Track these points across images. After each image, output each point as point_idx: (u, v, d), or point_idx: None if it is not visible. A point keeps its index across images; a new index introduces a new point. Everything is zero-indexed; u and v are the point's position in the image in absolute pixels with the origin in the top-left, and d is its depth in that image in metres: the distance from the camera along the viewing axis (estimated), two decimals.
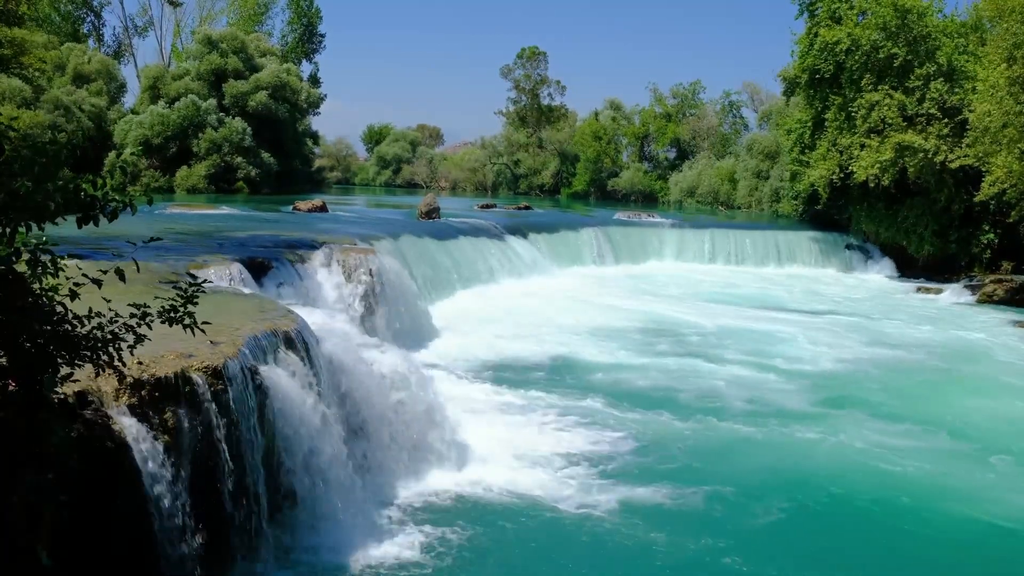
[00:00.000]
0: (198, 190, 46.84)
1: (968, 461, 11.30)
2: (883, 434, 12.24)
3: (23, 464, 5.02)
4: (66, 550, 5.47)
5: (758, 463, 10.96)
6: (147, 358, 6.42)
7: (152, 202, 5.13)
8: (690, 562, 8.18)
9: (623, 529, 8.73)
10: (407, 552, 8.00)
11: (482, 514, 8.99)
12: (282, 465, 7.90)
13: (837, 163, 32.17)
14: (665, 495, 9.62)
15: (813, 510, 9.62)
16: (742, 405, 13.46)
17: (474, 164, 79.65)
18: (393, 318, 16.01)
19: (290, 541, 7.81)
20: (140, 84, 52.78)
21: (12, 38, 26.56)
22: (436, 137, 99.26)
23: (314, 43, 72.42)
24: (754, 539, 8.77)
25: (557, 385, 14.11)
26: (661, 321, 20.58)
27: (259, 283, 13.83)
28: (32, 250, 4.83)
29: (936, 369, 17.07)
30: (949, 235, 31.07)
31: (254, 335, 8.10)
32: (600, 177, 68.04)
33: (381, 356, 10.15)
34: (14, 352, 4.87)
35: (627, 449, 11.12)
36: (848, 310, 24.02)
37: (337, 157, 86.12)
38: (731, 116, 68.37)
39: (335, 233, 19.96)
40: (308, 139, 58.50)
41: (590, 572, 8.02)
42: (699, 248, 33.77)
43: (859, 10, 31.94)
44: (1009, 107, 25.07)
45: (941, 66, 30.23)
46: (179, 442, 6.53)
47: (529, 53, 75.64)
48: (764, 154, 50.57)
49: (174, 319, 5.63)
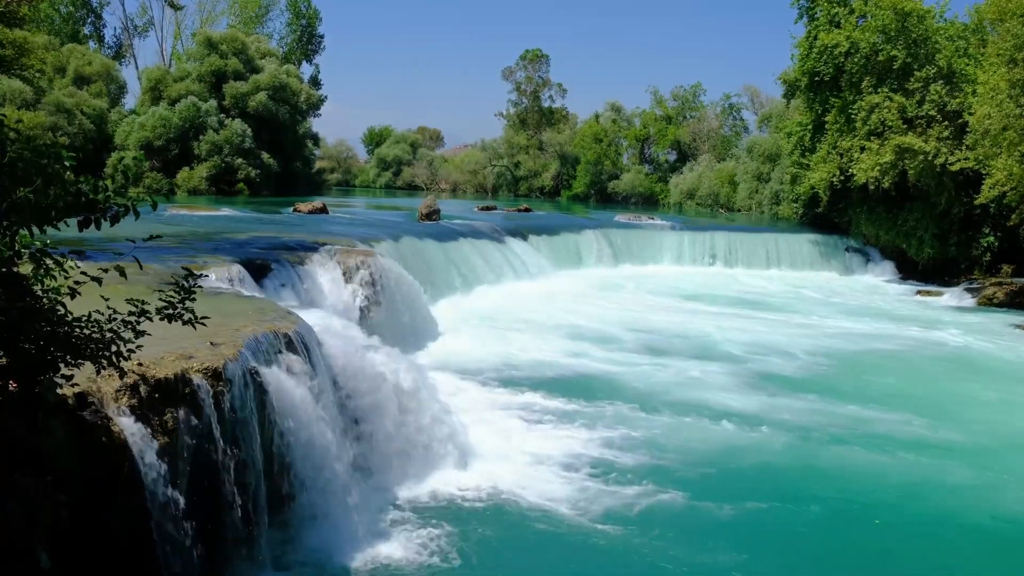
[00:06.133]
0: (199, 192, 46.90)
1: (969, 462, 11.29)
2: (883, 435, 12.24)
3: (22, 465, 5.02)
4: (65, 551, 5.46)
5: (759, 464, 10.95)
6: (147, 359, 6.41)
7: (156, 207, 5.11)
8: (694, 565, 8.16)
9: (624, 532, 8.71)
10: (407, 554, 7.99)
11: (483, 515, 8.98)
12: (282, 466, 7.89)
13: (837, 166, 32.20)
14: (666, 497, 9.60)
15: (817, 511, 9.58)
16: (743, 406, 13.44)
17: (474, 166, 79.67)
18: (393, 320, 16.00)
19: (290, 542, 7.80)
20: (141, 86, 52.87)
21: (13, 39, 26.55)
22: (436, 139, 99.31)
23: (314, 45, 72.56)
24: (760, 542, 8.76)
25: (558, 386, 14.09)
26: (662, 323, 20.57)
27: (260, 284, 13.83)
28: (34, 252, 4.82)
29: (937, 372, 17.07)
30: (949, 238, 31.07)
31: (254, 336, 8.09)
32: (600, 179, 68.05)
33: (381, 357, 10.14)
34: (14, 352, 4.87)
35: (629, 452, 11.09)
36: (848, 313, 24.01)
37: (337, 159, 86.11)
38: (731, 119, 68.41)
39: (335, 235, 19.98)
40: (308, 141, 58.52)
41: (591, 574, 8.02)
42: (699, 251, 33.76)
43: (859, 14, 31.98)
44: (1009, 110, 25.08)
45: (941, 69, 30.25)
46: (179, 443, 6.52)
47: (531, 56, 75.72)
48: (764, 157, 50.56)
49: (173, 315, 5.60)
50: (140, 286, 9.50)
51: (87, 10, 65.80)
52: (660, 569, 8.06)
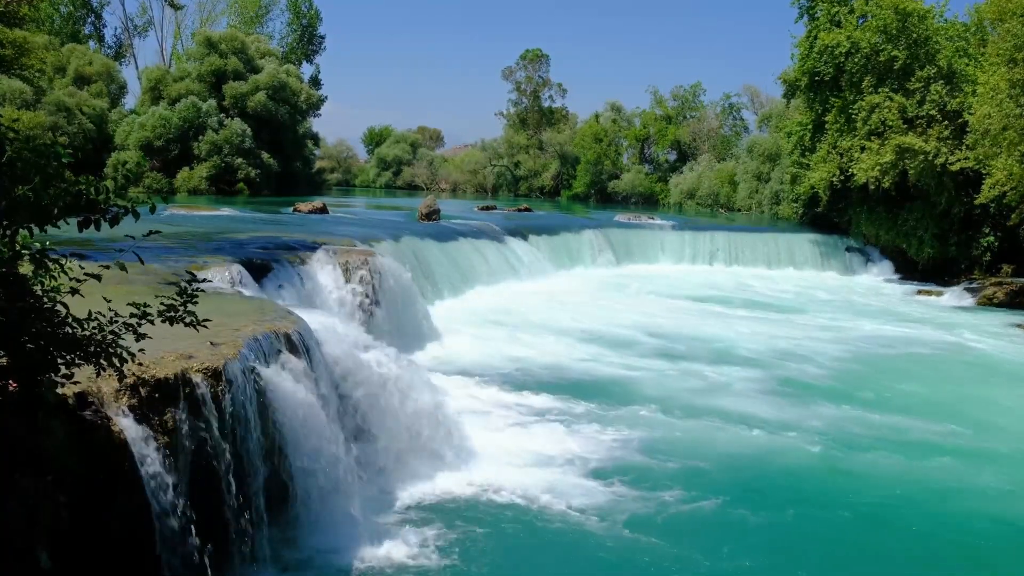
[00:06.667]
0: (199, 192, 46.90)
1: (969, 462, 11.27)
2: (884, 436, 12.23)
3: (22, 465, 5.01)
4: (65, 551, 5.46)
5: (760, 466, 10.94)
6: (147, 359, 6.40)
7: (154, 209, 5.11)
8: (695, 566, 8.16)
9: (624, 532, 8.71)
10: (408, 554, 7.98)
11: (484, 516, 8.96)
12: (282, 466, 7.88)
13: (837, 165, 32.19)
14: (666, 499, 9.59)
15: (817, 511, 9.58)
16: (743, 408, 13.42)
17: (474, 166, 79.68)
18: (394, 319, 15.99)
19: (290, 542, 7.79)
20: (141, 86, 52.87)
21: (13, 39, 26.56)
22: (436, 139, 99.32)
23: (314, 45, 72.56)
24: (761, 542, 8.75)
25: (558, 387, 14.07)
26: (662, 323, 20.55)
27: (260, 284, 13.81)
28: (34, 252, 4.82)
29: (936, 372, 17.06)
30: (949, 238, 31.06)
31: (254, 336, 8.09)
32: (600, 179, 68.05)
33: (382, 357, 10.13)
34: (14, 352, 4.87)
35: (631, 452, 11.08)
36: (848, 312, 24.00)
37: (338, 159, 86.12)
38: (731, 118, 68.44)
39: (335, 235, 19.96)
40: (308, 141, 58.51)
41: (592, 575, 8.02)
42: (699, 250, 33.75)
43: (859, 13, 31.98)
44: (1009, 110, 25.07)
45: (941, 69, 30.25)
46: (179, 443, 6.52)
47: (531, 56, 75.73)
48: (764, 156, 50.55)
49: (174, 318, 5.61)
50: (141, 286, 9.51)
51: (87, 10, 65.81)
52: (665, 571, 8.05)
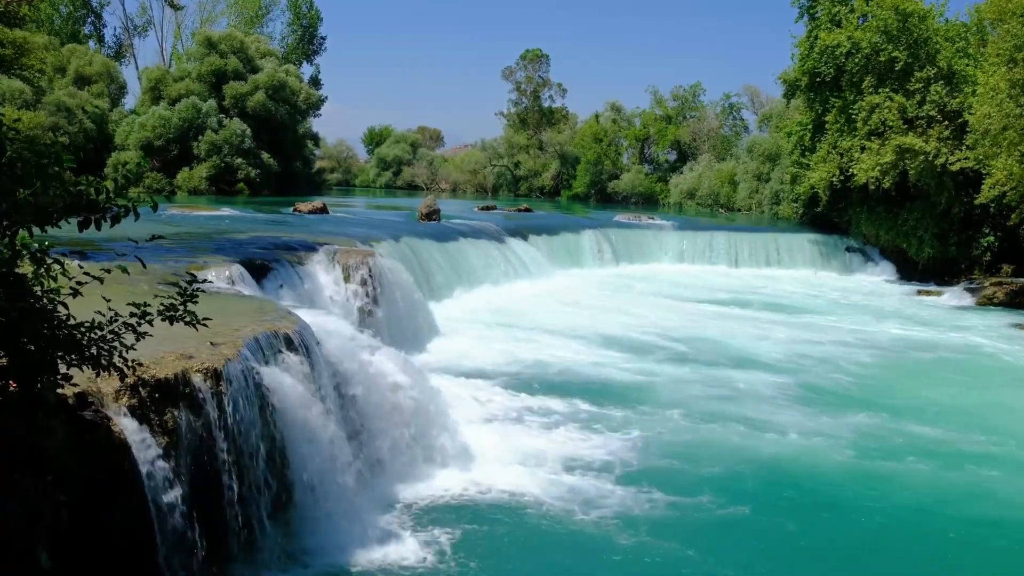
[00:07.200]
0: (199, 192, 46.89)
1: (969, 462, 11.28)
2: (884, 436, 12.24)
3: (22, 465, 5.01)
4: (65, 551, 5.46)
5: (761, 466, 10.92)
6: (147, 359, 6.41)
7: (156, 208, 5.12)
8: (693, 567, 8.16)
9: (624, 533, 8.71)
10: (408, 554, 7.99)
11: (484, 516, 8.97)
12: (282, 466, 7.89)
13: (837, 166, 32.19)
14: (667, 500, 9.59)
15: (817, 511, 9.59)
16: (741, 409, 13.42)
17: (474, 166, 79.65)
18: (393, 319, 16.00)
19: (290, 542, 7.79)
20: (141, 86, 52.85)
21: (13, 39, 26.53)
22: (436, 139, 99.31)
23: (314, 45, 72.52)
24: (761, 543, 8.76)
25: (558, 387, 14.07)
26: (662, 323, 20.55)
27: (259, 284, 13.82)
28: (35, 253, 4.82)
29: (937, 372, 17.06)
30: (949, 238, 31.05)
31: (254, 336, 8.10)
32: (600, 179, 68.04)
33: (382, 357, 10.14)
34: (14, 353, 4.87)
35: (631, 453, 11.08)
36: (848, 313, 24.01)
37: (338, 159, 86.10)
38: (731, 118, 68.40)
39: (335, 235, 19.96)
40: (308, 141, 58.49)
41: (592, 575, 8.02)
42: (699, 250, 33.74)
43: (860, 13, 31.97)
44: (1009, 110, 25.07)
45: (941, 69, 30.25)
46: (179, 443, 6.53)
47: (531, 56, 75.74)
48: (764, 156, 50.54)
49: (174, 317, 5.62)
50: (141, 285, 9.51)
51: (87, 10, 65.79)
52: (663, 572, 8.04)
